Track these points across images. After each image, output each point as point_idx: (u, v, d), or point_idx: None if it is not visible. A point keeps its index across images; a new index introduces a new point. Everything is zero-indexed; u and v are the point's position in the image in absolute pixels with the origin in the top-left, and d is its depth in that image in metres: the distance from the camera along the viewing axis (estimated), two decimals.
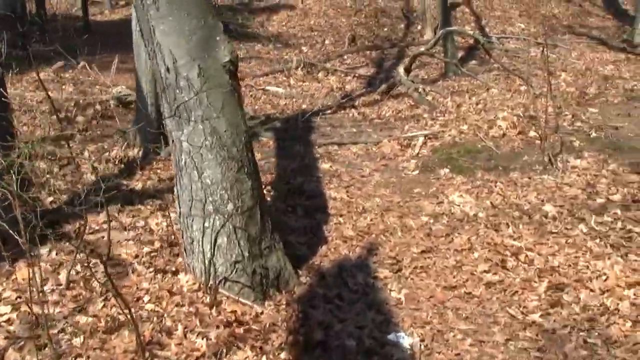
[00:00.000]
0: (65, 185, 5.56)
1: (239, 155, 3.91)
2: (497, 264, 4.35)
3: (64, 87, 9.45)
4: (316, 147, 7.41)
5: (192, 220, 3.97)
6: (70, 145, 6.68)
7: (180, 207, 4.02)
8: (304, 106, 10.11)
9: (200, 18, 3.72)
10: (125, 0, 21.17)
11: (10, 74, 8.64)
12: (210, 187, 3.87)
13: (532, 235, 4.71)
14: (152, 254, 4.40)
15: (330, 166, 6.76)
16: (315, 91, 11.34)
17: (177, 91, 3.74)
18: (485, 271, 4.29)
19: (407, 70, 9.72)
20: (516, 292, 4.03)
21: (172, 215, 4.57)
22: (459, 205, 5.43)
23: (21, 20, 11.62)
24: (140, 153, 6.72)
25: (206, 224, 3.92)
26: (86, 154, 6.58)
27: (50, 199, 5.15)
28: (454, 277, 4.28)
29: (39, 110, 7.81)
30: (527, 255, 4.40)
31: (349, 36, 16.57)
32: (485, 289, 4.10)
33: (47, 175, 5.57)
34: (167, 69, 3.72)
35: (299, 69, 12.72)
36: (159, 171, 6.33)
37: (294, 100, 10.42)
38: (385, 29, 17.17)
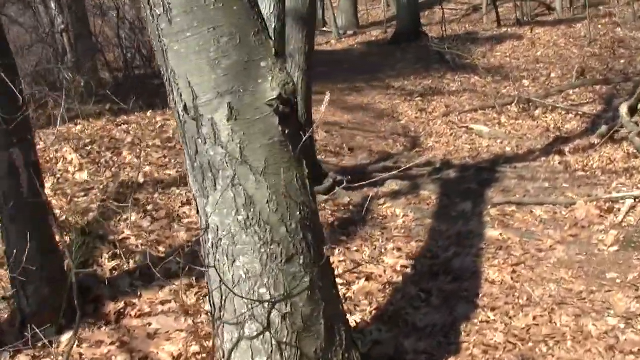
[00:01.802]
0: (144, 245, 4.74)
1: (291, 238, 2.71)
2: None
3: None
4: (489, 207, 5.92)
5: (223, 328, 2.82)
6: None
7: (211, 304, 2.90)
8: (507, 149, 8.58)
9: (235, 34, 2.60)
10: (355, 30, 21.09)
11: None
12: (246, 281, 2.71)
13: None
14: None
15: (500, 234, 5.24)
16: (528, 131, 9.70)
17: (200, 140, 2.65)
18: None
19: (633, 110, 7.74)
20: None
21: None
22: None
23: None
24: None
25: (239, 334, 2.76)
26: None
27: (113, 263, 4.33)
28: None
29: None
30: None
31: (578, 69, 14.38)
32: None
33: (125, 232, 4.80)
34: (185, 108, 2.65)
35: (514, 104, 11.10)
36: None
37: (499, 141, 9.04)
38: (622, 62, 14.72)
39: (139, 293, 4.13)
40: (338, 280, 3.98)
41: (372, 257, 4.86)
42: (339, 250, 4.89)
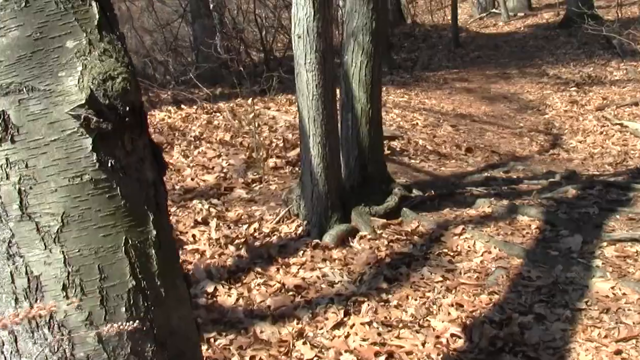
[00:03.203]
0: None
1: None
2: None
3: None
4: (605, 243, 4.37)
5: None
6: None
7: None
8: None
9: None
10: (525, 12, 20.05)
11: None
12: None
13: None
14: None
15: (612, 288, 3.79)
16: None
17: None
18: None
19: None
20: None
21: None
22: None
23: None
24: (304, 229, 4.57)
25: None
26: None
27: None
28: None
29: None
30: None
31: None
32: None
33: None
34: None
35: None
36: (321, 265, 4.16)
37: None
38: None
39: None
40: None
41: (415, 318, 3.55)
42: (368, 304, 3.64)
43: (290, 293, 3.79)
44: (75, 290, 1.54)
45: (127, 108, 1.55)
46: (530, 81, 12.60)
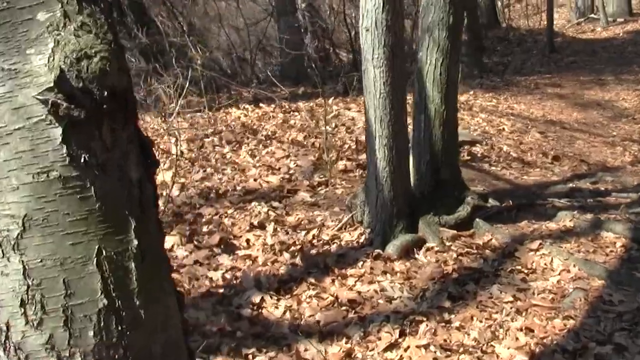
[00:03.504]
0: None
1: None
2: None
3: None
4: None
5: None
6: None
7: None
8: None
9: None
10: (625, 18, 19.59)
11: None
12: None
13: None
14: None
15: None
16: None
17: None
18: None
19: None
20: None
21: None
22: None
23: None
24: (366, 238, 4.28)
25: None
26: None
27: None
28: None
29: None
30: None
31: None
32: None
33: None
34: None
35: None
36: (384, 278, 3.87)
37: None
38: None
39: None
40: None
41: (478, 342, 3.19)
42: (427, 325, 3.30)
43: (344, 308, 3.50)
44: (35, 308, 1.31)
45: (106, 92, 1.30)
46: (626, 88, 12.09)
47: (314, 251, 4.15)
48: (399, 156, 4.26)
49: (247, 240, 4.27)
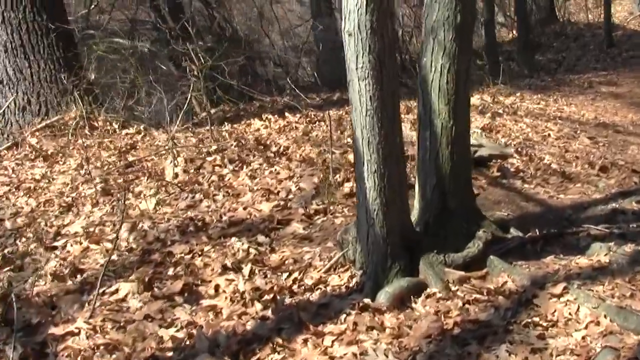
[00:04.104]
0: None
1: None
2: None
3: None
4: None
5: None
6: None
7: None
8: None
9: None
10: None
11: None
12: None
13: None
14: None
15: None
16: None
17: None
18: None
19: None
20: None
21: None
22: None
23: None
24: (357, 281, 3.63)
25: None
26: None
27: None
28: None
29: None
30: None
31: None
32: None
33: None
34: None
35: None
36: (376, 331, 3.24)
37: None
38: None
39: None
40: None
41: None
42: None
43: None
44: None
45: None
46: None
47: (291, 300, 3.51)
48: (392, 184, 3.59)
49: (216, 287, 3.68)
